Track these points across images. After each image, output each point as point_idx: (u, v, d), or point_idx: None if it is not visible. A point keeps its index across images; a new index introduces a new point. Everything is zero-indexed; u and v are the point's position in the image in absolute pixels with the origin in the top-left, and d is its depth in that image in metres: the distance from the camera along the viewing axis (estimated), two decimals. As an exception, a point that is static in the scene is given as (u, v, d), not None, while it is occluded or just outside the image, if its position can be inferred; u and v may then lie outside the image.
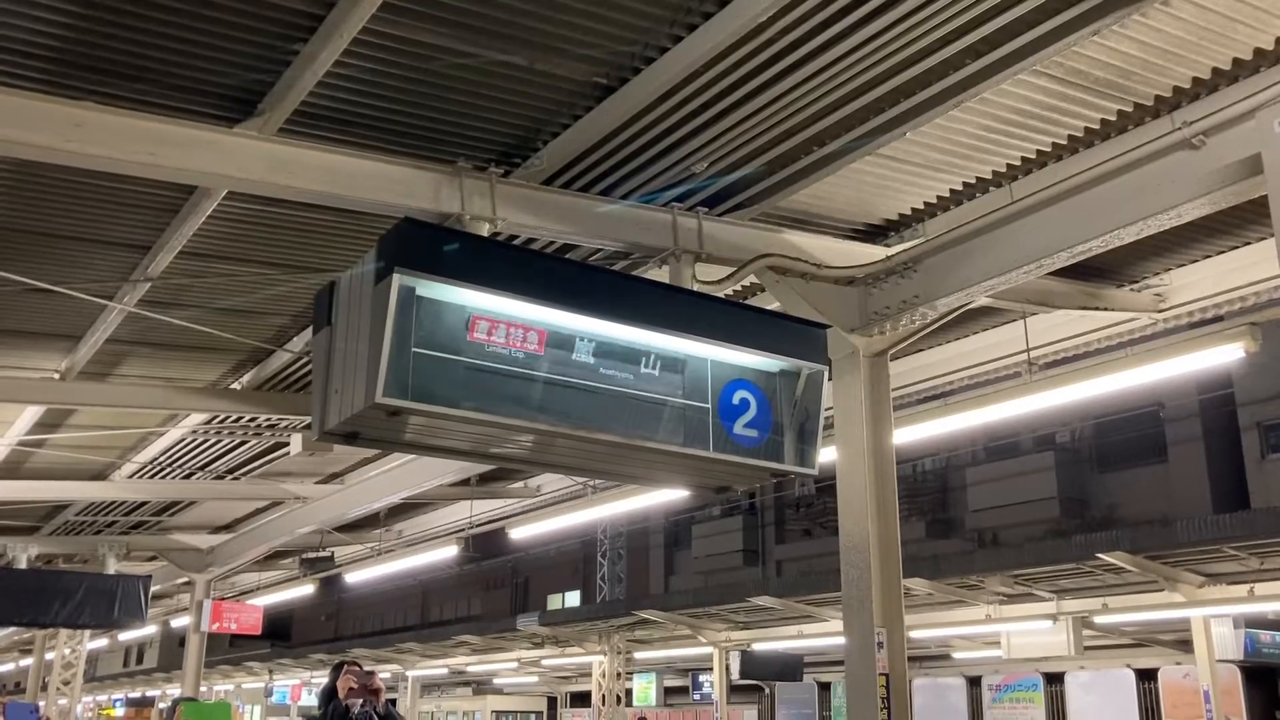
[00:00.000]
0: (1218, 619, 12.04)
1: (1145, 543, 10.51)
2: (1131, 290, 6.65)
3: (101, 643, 26.75)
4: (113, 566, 14.26)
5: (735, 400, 4.64)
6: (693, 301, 4.75)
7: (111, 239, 5.82)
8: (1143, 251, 6.13)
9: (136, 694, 35.82)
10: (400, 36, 4.07)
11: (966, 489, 24.69)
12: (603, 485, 10.23)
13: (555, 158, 4.93)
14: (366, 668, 6.36)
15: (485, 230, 4.77)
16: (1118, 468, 22.69)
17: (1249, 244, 6.14)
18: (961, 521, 25.06)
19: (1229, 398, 20.00)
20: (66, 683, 17.84)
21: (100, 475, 11.41)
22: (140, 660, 46.35)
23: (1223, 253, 6.29)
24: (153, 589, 14.12)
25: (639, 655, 19.69)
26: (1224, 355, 5.63)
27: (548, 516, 11.04)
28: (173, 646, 35.53)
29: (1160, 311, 6.66)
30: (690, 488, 5.30)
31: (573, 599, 35.77)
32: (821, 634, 14.85)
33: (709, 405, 4.54)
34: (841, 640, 5.48)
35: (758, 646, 16.57)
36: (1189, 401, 19.77)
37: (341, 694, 6.03)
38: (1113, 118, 4.84)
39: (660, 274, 5.28)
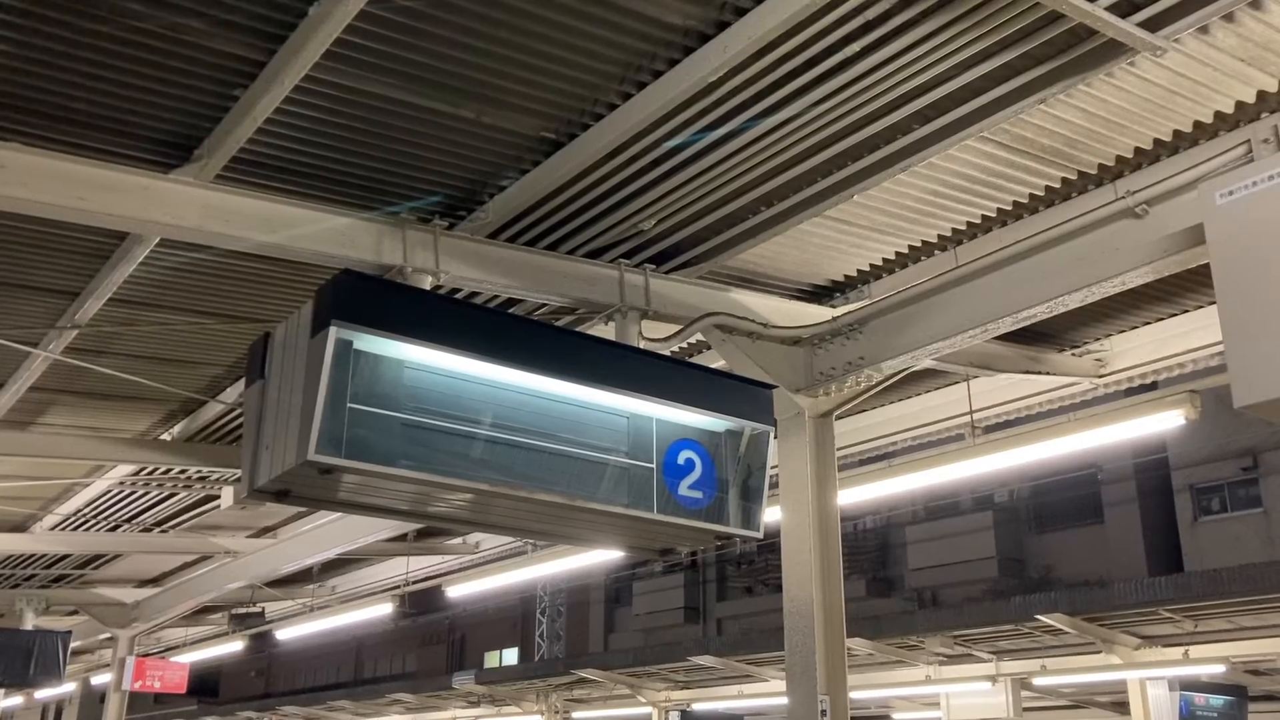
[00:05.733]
0: (1153, 681, 12.11)
1: (1083, 605, 10.57)
2: (1073, 355, 6.70)
3: (16, 700, 25.65)
4: (30, 621, 13.68)
5: (680, 460, 4.56)
6: (639, 359, 4.68)
7: (37, 284, 5.60)
8: (1084, 317, 6.18)
9: (53, 754, 34.40)
10: (344, 85, 3.97)
11: (907, 547, 24.81)
12: (543, 543, 10.05)
13: (501, 211, 4.84)
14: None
15: (428, 283, 4.68)
16: (1055, 528, 22.95)
17: (1187, 312, 6.24)
18: (902, 579, 25.14)
19: (1163, 461, 20.35)
20: (-23, 743, 17.06)
21: (19, 527, 10.97)
22: (58, 718, 44.59)
23: (1162, 319, 6.37)
24: (73, 644, 13.57)
25: (577, 715, 19.32)
26: (1165, 422, 5.69)
27: (487, 574, 10.81)
28: (93, 703, 34.18)
29: (1101, 376, 6.73)
30: (633, 550, 5.18)
31: (511, 656, 35.21)
32: (762, 694, 14.69)
33: (654, 465, 4.45)
34: (783, 700, 5.38)
35: (698, 706, 16.34)
36: (1125, 464, 20.09)
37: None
38: (1057, 185, 4.88)
39: (606, 330, 5.21)
